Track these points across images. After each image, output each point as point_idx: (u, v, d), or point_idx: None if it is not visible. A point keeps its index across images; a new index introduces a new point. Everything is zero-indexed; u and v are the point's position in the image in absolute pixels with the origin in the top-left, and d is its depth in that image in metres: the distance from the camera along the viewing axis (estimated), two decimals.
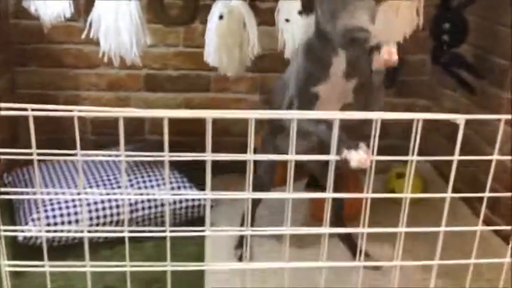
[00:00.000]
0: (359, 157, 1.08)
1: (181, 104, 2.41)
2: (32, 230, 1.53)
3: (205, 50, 1.74)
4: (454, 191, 2.16)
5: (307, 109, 1.38)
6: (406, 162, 1.01)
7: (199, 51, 2.33)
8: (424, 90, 2.45)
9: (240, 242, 1.78)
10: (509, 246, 1.14)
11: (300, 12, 1.64)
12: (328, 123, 1.07)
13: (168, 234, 1.07)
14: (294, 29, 1.69)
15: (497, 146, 1.04)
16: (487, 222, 1.89)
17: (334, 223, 1.81)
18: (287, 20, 1.68)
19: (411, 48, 2.33)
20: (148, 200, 1.77)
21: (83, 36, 1.65)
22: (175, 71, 2.37)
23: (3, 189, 1.01)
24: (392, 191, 2.10)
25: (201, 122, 0.96)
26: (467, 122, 0.93)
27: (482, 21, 1.98)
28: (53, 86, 2.34)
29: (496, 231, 1.79)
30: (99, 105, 2.36)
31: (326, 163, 1.05)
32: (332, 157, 1.01)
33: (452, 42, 1.88)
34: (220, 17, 1.64)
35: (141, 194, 1.56)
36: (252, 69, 2.29)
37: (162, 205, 1.80)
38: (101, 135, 2.35)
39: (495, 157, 1.04)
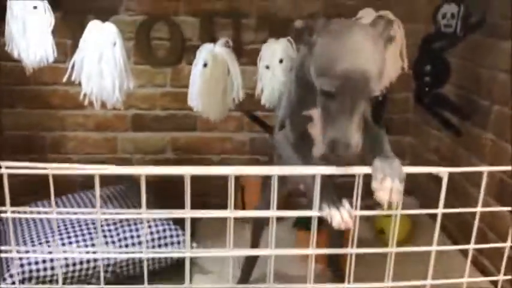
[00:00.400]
0: (339, 219, 1.02)
1: (168, 143, 2.41)
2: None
3: (189, 95, 1.75)
4: (444, 231, 2.16)
5: (299, 130, 1.35)
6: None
7: (186, 91, 2.34)
8: (409, 128, 2.48)
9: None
10: None
11: (281, 61, 1.67)
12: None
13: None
14: (272, 76, 1.71)
15: (481, 196, 1.05)
16: (474, 263, 1.89)
17: (332, 269, 1.79)
18: (267, 67, 1.71)
19: (396, 86, 2.36)
20: (133, 244, 1.75)
21: (65, 79, 1.65)
22: (163, 111, 2.38)
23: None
24: (381, 230, 2.10)
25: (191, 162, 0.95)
26: (453, 165, 0.94)
27: (464, 62, 2.01)
28: (40, 127, 2.33)
29: (484, 274, 1.79)
30: (86, 146, 2.36)
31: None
32: (314, 213, 1.01)
33: (434, 84, 1.91)
34: (205, 65, 1.66)
35: (121, 253, 1.53)
36: (238, 108, 2.31)
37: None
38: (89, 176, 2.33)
39: (479, 209, 1.05)
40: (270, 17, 2.24)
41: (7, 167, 0.91)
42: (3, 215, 0.96)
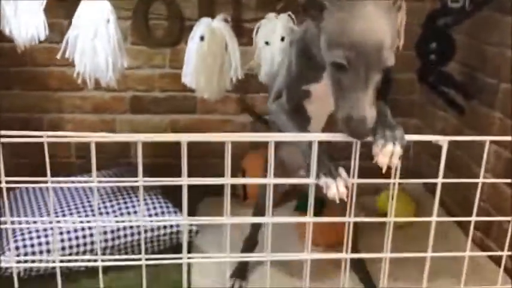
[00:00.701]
0: (334, 190, 1.00)
1: (168, 126, 2.37)
2: (2, 261, 1.47)
3: (183, 70, 1.70)
4: (447, 212, 2.13)
5: (296, 104, 1.32)
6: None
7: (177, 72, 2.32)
8: (414, 109, 2.42)
9: (237, 270, 1.73)
10: (501, 271, 1.09)
11: (282, 39, 1.61)
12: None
13: (143, 262, 1.03)
14: (272, 52, 1.65)
15: (483, 167, 1.00)
16: (480, 246, 1.84)
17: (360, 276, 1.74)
18: (266, 43, 1.65)
19: (400, 67, 2.30)
20: (131, 227, 1.71)
21: (59, 56, 1.61)
22: (161, 92, 2.33)
23: None
24: (385, 214, 2.05)
25: (188, 144, 0.92)
26: (456, 143, 0.89)
27: (469, 40, 1.95)
28: (37, 109, 2.30)
29: (489, 255, 1.74)
30: (84, 128, 2.32)
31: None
32: (311, 180, 0.97)
33: (440, 61, 1.85)
34: (201, 38, 1.61)
35: (117, 222, 1.50)
36: (238, 90, 2.26)
37: (145, 231, 1.74)
38: (86, 159, 2.30)
39: (481, 180, 1.00)
40: None
41: (1, 136, 0.88)
42: None
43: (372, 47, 0.96)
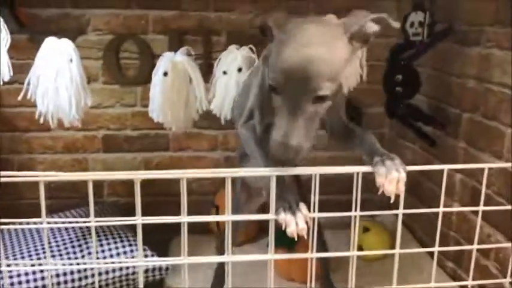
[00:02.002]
0: (293, 227, 0.94)
1: (141, 164, 2.36)
2: None
3: (150, 106, 1.71)
4: (421, 244, 2.13)
5: (269, 124, 1.29)
6: (371, 216, 0.98)
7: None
8: (384, 142, 2.45)
9: None
10: None
11: (240, 70, 1.63)
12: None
13: None
14: (228, 82, 1.66)
15: (442, 195, 1.02)
16: (453, 277, 1.84)
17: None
18: (224, 72, 1.66)
19: (368, 101, 2.35)
20: (91, 269, 1.68)
21: (20, 97, 1.61)
22: (134, 131, 2.33)
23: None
24: (359, 247, 2.05)
25: (170, 181, 0.91)
26: (427, 175, 0.89)
27: (434, 72, 2.00)
28: (7, 150, 2.27)
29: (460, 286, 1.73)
30: (56, 168, 2.29)
31: None
32: (270, 216, 0.95)
33: (406, 94, 1.89)
34: (165, 74, 1.62)
35: (71, 264, 1.47)
36: (212, 126, 2.27)
37: (104, 273, 1.70)
38: (56, 199, 2.27)
39: (441, 209, 1.01)
40: (240, 33, 2.22)
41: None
42: None
43: (300, 74, 0.93)
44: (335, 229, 2.03)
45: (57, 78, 1.58)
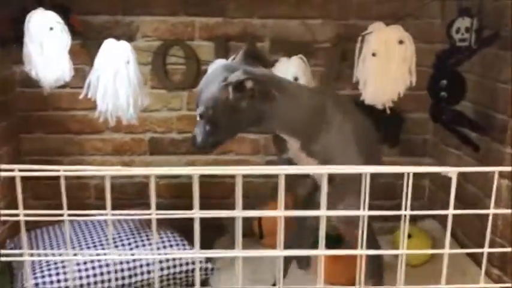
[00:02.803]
0: None
1: (185, 166, 2.41)
2: None
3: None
4: (462, 248, 2.10)
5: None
6: (413, 222, 0.99)
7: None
8: (428, 148, 2.44)
9: None
10: None
11: (296, 79, 1.67)
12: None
13: None
14: None
15: (493, 198, 1.02)
16: (498, 283, 1.81)
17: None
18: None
19: (413, 107, 2.35)
20: (147, 264, 1.73)
21: (81, 96, 1.68)
22: (179, 134, 2.39)
23: (3, 252, 1.00)
24: None
25: (210, 184, 0.95)
26: (471, 180, 0.91)
27: (480, 78, 1.99)
28: (58, 152, 2.36)
29: None
30: None
31: None
32: (321, 213, 0.98)
33: (451, 100, 1.88)
34: None
35: (132, 254, 1.53)
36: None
37: (161, 269, 1.76)
38: (102, 199, 2.34)
39: (491, 211, 1.01)
40: (284, 39, 2.26)
41: (20, 170, 0.92)
42: (14, 218, 0.96)
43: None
44: (378, 235, 2.05)
45: (116, 79, 1.65)
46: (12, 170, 0.92)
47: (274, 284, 1.70)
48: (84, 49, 2.13)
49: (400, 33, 1.63)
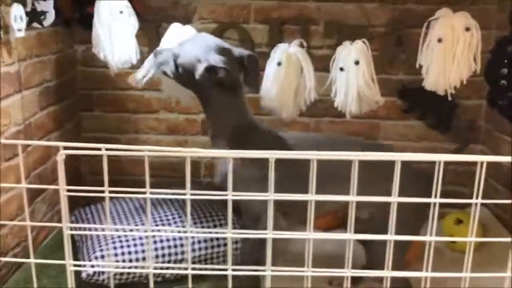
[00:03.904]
0: None
1: None
2: (100, 265, 1.57)
3: (262, 93, 1.79)
4: None
5: None
6: (463, 208, 0.99)
7: (254, 96, 2.41)
8: (480, 135, 2.42)
9: None
10: None
11: (357, 62, 1.68)
12: None
13: (229, 272, 1.09)
14: (347, 78, 1.71)
15: None
16: None
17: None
18: (341, 69, 1.71)
19: (466, 93, 2.33)
20: (211, 240, 1.80)
21: (145, 79, 1.74)
22: None
23: (71, 225, 1.05)
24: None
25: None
26: None
27: None
28: (115, 130, 2.45)
29: None
30: None
31: None
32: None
33: (510, 87, 1.86)
34: (279, 64, 1.69)
35: (209, 233, 1.58)
36: (304, 113, 2.34)
37: (225, 245, 1.82)
38: (158, 177, 2.42)
39: None
40: (339, 23, 2.27)
41: (107, 149, 0.96)
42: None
43: None
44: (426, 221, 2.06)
45: None
46: (99, 149, 0.97)
47: None
48: (141, 31, 2.18)
49: (467, 20, 1.62)
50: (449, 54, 1.59)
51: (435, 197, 1.01)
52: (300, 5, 2.29)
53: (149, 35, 2.18)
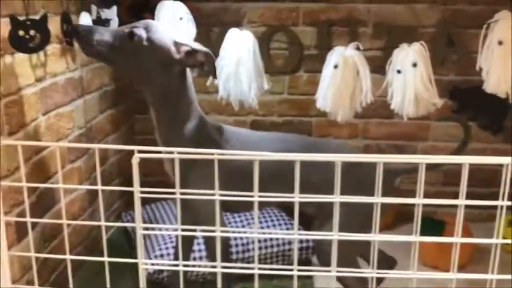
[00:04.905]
0: None
1: None
2: (165, 264, 1.62)
3: (318, 95, 1.81)
4: None
5: None
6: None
7: (302, 98, 2.43)
8: None
9: None
10: None
11: (414, 65, 1.67)
12: None
13: (295, 273, 1.12)
14: (404, 80, 1.71)
15: None
16: None
17: None
18: (398, 71, 1.71)
19: None
20: (271, 239, 1.86)
21: (208, 82, 1.78)
22: (279, 117, 2.47)
23: (144, 225, 1.10)
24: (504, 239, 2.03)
25: None
26: None
27: None
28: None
29: None
30: None
31: None
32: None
33: None
34: (335, 66, 1.71)
35: (273, 233, 1.63)
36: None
37: (283, 244, 1.88)
38: None
39: None
40: (388, 24, 2.27)
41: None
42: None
43: None
44: (478, 222, 2.04)
45: (239, 66, 1.74)
46: (171, 153, 1.01)
47: None
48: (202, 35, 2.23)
49: None
50: (510, 56, 1.57)
51: (502, 199, 1.02)
52: (348, 7, 2.30)
53: (200, 38, 2.22)
